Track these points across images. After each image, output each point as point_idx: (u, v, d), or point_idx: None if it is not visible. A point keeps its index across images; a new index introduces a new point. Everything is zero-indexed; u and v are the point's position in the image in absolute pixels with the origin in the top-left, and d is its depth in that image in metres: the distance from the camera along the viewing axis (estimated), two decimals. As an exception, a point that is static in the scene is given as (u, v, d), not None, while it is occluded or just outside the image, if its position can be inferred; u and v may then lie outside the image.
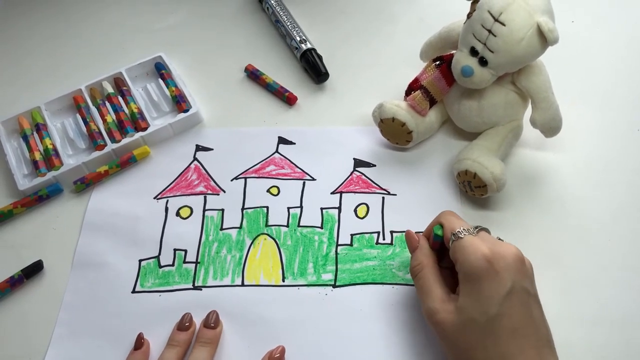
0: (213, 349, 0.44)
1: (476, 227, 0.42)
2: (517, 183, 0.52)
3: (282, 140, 0.56)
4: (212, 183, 0.54)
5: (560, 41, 0.45)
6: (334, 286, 0.47)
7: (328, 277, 0.48)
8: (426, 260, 0.42)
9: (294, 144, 0.56)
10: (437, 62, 0.53)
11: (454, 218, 0.43)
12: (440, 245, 0.43)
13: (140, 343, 0.44)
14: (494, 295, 0.37)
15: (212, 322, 0.45)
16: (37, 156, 0.55)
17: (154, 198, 0.53)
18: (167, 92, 0.59)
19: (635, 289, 0.46)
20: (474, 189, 0.49)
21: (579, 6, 0.65)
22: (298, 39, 0.62)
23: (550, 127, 0.49)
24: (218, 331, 0.45)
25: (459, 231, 0.40)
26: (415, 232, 0.45)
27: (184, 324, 0.45)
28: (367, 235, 0.50)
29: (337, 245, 0.49)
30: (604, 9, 0.65)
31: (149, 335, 0.45)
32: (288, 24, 0.64)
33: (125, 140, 0.56)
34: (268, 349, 0.44)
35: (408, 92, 0.54)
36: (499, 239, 0.43)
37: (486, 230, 0.42)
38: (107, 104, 0.59)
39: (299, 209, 0.52)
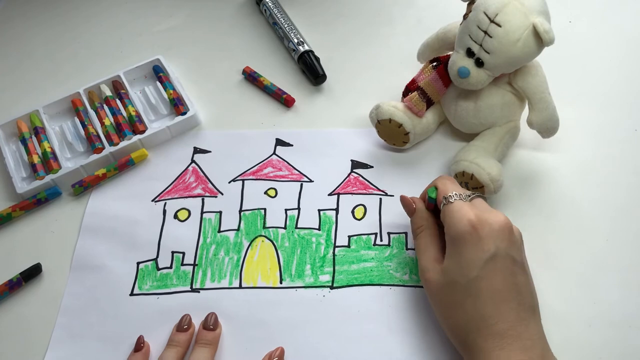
0: (213, 350, 0.44)
1: (471, 194, 0.43)
2: (514, 184, 0.52)
3: (279, 142, 0.56)
4: (210, 185, 0.54)
5: (557, 41, 0.45)
6: (332, 287, 0.47)
7: (325, 278, 0.48)
8: (425, 222, 0.44)
9: (292, 145, 0.56)
10: (434, 64, 0.54)
11: (449, 182, 0.44)
12: (435, 206, 0.45)
13: (140, 345, 0.45)
14: (475, 260, 0.38)
15: (211, 323, 0.45)
16: (36, 159, 0.55)
17: (152, 201, 0.53)
18: (165, 95, 0.60)
19: (634, 290, 0.46)
20: (471, 190, 0.49)
21: (575, 7, 0.65)
22: (295, 41, 0.62)
23: (547, 127, 0.49)
24: (217, 332, 0.45)
25: (450, 195, 0.42)
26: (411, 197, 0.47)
27: (183, 325, 0.45)
28: (364, 237, 0.50)
29: (335, 246, 0.49)
30: (601, 9, 0.65)
31: (147, 337, 0.45)
32: (285, 26, 0.64)
33: (123, 144, 0.56)
34: (266, 351, 0.44)
35: (405, 94, 0.54)
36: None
37: (483, 198, 0.43)
38: (105, 107, 0.59)
39: (297, 210, 0.52)
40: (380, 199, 0.52)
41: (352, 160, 0.55)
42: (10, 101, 0.62)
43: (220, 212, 0.52)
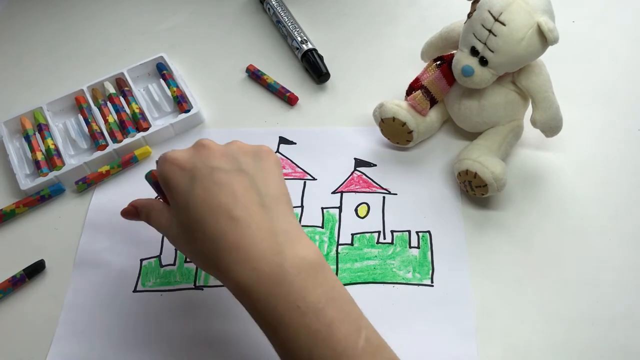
0: None
1: None
2: (517, 183, 0.52)
3: (283, 140, 0.56)
4: (213, 183, 0.54)
5: (561, 41, 0.45)
6: (335, 285, 0.47)
7: (329, 276, 0.48)
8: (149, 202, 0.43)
9: (295, 144, 0.56)
10: (438, 62, 0.54)
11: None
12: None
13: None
14: (180, 186, 0.38)
15: None
16: (39, 156, 0.56)
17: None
18: (169, 93, 0.60)
19: (636, 289, 0.46)
20: (474, 188, 0.49)
21: (579, 7, 0.65)
22: (299, 39, 0.62)
23: (550, 126, 0.49)
24: None
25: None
26: None
27: None
28: (367, 235, 0.50)
29: (338, 244, 0.49)
30: (605, 9, 0.65)
31: (151, 334, 0.45)
32: (289, 24, 0.64)
33: (127, 141, 0.56)
34: (269, 348, 0.44)
35: (409, 92, 0.55)
36: None
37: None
38: (109, 104, 0.59)
39: (300, 208, 0.52)
40: (384, 197, 0.52)
41: (355, 159, 0.55)
42: (14, 98, 0.63)
43: (224, 210, 0.52)
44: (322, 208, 0.52)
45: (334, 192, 0.53)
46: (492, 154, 0.49)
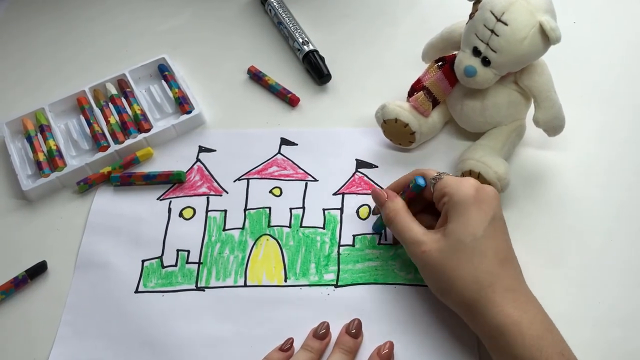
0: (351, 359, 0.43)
1: (442, 173, 0.45)
2: (520, 182, 0.51)
3: (284, 142, 0.56)
4: (215, 184, 0.54)
5: (563, 41, 0.45)
6: (336, 286, 0.47)
7: (330, 277, 0.48)
8: (399, 206, 0.45)
9: (297, 145, 0.56)
10: (440, 63, 0.53)
11: (426, 169, 0.47)
12: (414, 196, 0.46)
13: (287, 347, 0.44)
14: (480, 219, 0.41)
15: (353, 328, 0.44)
16: (41, 157, 0.56)
17: (157, 199, 0.54)
18: (170, 94, 0.60)
19: (638, 290, 0.45)
20: (477, 189, 0.49)
21: (580, 8, 0.65)
22: (300, 40, 0.62)
23: (553, 126, 0.49)
24: (359, 341, 0.44)
25: (438, 173, 0.45)
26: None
27: (319, 331, 0.44)
28: (369, 236, 0.50)
29: (339, 245, 0.49)
30: (606, 10, 0.65)
31: (152, 335, 0.45)
32: (290, 25, 0.64)
33: (129, 142, 0.56)
34: (271, 349, 0.44)
35: (411, 93, 0.54)
36: None
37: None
38: (111, 105, 0.59)
39: (301, 209, 0.52)
40: (386, 198, 0.52)
41: (357, 160, 0.55)
42: (16, 99, 0.63)
43: (225, 211, 0.52)
44: (324, 209, 0.52)
45: (335, 194, 0.53)
46: (496, 154, 0.49)
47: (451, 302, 0.42)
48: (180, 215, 0.52)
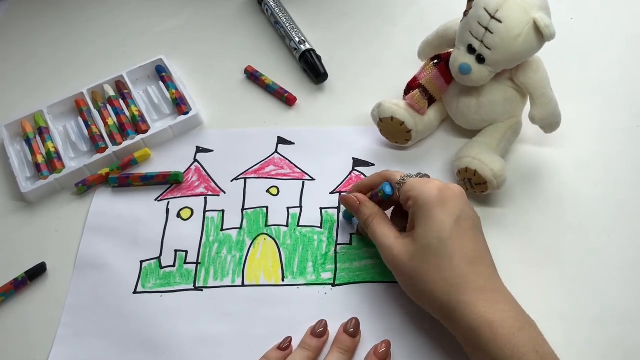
0: (348, 359, 0.43)
1: (418, 173, 0.45)
2: (517, 180, 0.51)
3: (281, 141, 0.57)
4: (213, 184, 0.54)
5: (560, 37, 0.45)
6: (334, 285, 0.47)
7: (327, 276, 0.48)
8: (374, 210, 0.45)
9: (294, 144, 0.56)
10: (435, 61, 0.53)
11: (391, 172, 0.46)
12: (382, 201, 0.46)
13: (286, 346, 0.44)
14: (445, 221, 0.40)
15: (351, 327, 0.44)
16: (40, 159, 0.56)
17: (155, 200, 0.54)
18: (168, 95, 0.60)
19: (636, 287, 0.45)
20: (474, 186, 0.49)
21: (578, 2, 0.65)
22: (297, 39, 0.62)
23: (549, 122, 0.49)
24: (357, 340, 0.44)
25: (402, 177, 0.45)
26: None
27: (317, 329, 0.44)
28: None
29: (337, 244, 0.49)
30: (603, 5, 0.65)
31: (151, 335, 0.46)
32: (287, 25, 0.64)
33: (126, 143, 0.56)
34: (269, 348, 0.44)
35: (407, 91, 0.54)
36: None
37: (427, 175, 0.46)
38: (109, 107, 0.60)
39: (299, 208, 0.52)
40: (382, 196, 0.52)
41: (354, 159, 0.55)
42: (15, 101, 0.63)
43: (223, 211, 0.52)
44: (321, 208, 0.52)
45: (332, 192, 0.53)
46: (492, 151, 0.49)
47: (427, 306, 0.41)
48: (178, 215, 0.52)
